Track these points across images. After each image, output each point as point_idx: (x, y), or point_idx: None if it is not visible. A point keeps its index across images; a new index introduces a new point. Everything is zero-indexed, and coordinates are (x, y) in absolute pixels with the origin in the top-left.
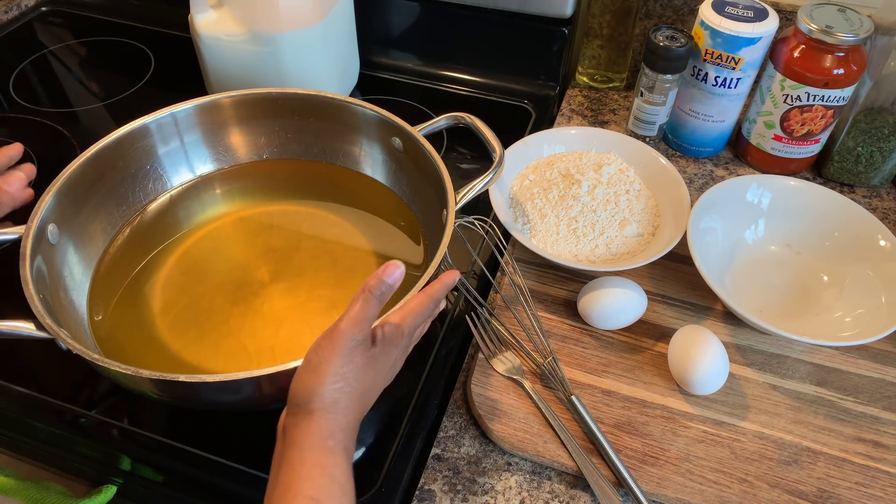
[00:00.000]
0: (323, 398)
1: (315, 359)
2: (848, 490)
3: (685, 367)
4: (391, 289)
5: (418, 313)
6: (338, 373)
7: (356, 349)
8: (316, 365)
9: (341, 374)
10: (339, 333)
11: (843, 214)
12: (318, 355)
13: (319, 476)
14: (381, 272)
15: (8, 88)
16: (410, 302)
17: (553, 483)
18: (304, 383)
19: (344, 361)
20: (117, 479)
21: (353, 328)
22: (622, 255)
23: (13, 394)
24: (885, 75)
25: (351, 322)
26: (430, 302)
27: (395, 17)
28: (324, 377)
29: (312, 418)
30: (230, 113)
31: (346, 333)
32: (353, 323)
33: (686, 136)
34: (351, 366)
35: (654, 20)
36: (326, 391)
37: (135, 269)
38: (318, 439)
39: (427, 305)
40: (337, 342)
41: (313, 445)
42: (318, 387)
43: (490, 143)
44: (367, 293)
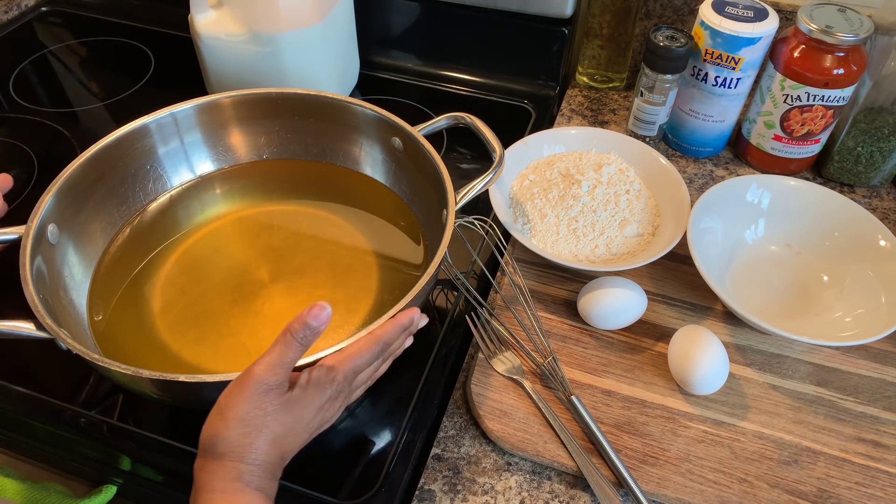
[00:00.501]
0: (229, 442)
1: (223, 402)
2: (848, 490)
3: (685, 367)
4: (316, 332)
5: (358, 357)
6: (244, 419)
7: (267, 394)
8: (224, 409)
9: (248, 420)
10: (250, 379)
11: (843, 214)
12: (226, 399)
13: None
14: (306, 314)
15: (8, 88)
16: (352, 344)
17: (553, 483)
18: (211, 427)
19: (252, 407)
20: (117, 479)
21: (265, 373)
22: (622, 255)
23: (13, 394)
24: (885, 75)
25: (264, 367)
26: (374, 345)
27: (395, 17)
28: (229, 422)
29: (219, 462)
30: (230, 113)
31: (257, 378)
32: (267, 368)
33: (686, 136)
34: (260, 412)
35: (654, 20)
36: (231, 436)
37: (135, 269)
38: (225, 481)
39: (371, 348)
40: (246, 388)
41: (222, 488)
42: (224, 431)
43: (490, 143)
44: (287, 336)
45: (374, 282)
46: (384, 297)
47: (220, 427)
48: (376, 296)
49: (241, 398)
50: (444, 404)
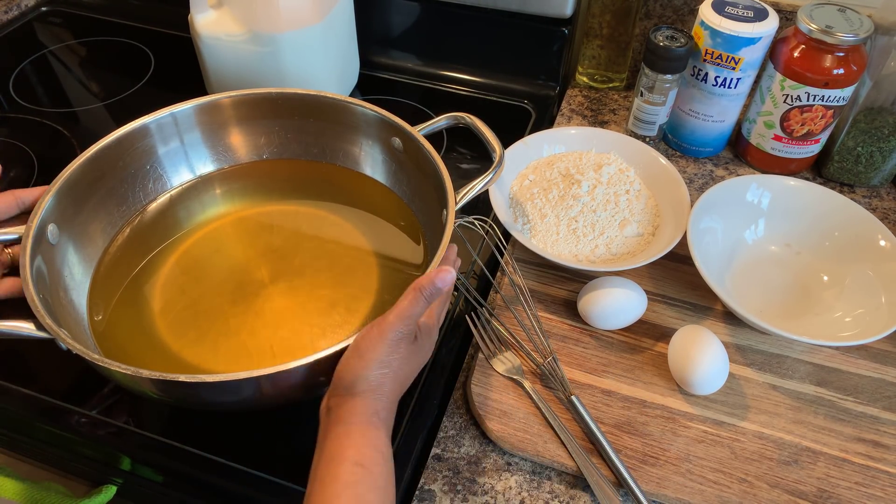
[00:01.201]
0: (368, 381)
1: (363, 345)
2: (848, 490)
3: (685, 367)
4: (439, 292)
5: (442, 305)
6: (383, 360)
7: (401, 341)
8: (364, 351)
9: (387, 362)
10: (388, 325)
11: (843, 214)
12: (365, 342)
13: (364, 445)
14: (434, 275)
15: (8, 88)
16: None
17: (553, 483)
18: (352, 367)
19: (390, 351)
20: (117, 479)
21: (400, 322)
22: (622, 255)
23: (13, 394)
24: (885, 75)
25: (399, 316)
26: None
27: (395, 17)
28: (370, 363)
29: (357, 399)
30: (230, 113)
31: (394, 325)
32: (401, 317)
33: (686, 136)
34: (396, 355)
35: (654, 20)
36: (371, 375)
37: (135, 269)
38: (364, 415)
39: (446, 299)
40: (385, 332)
41: (359, 420)
42: (364, 370)
43: (490, 143)
44: (416, 292)
45: (374, 282)
46: (384, 297)
47: (360, 367)
48: (376, 296)
49: (381, 342)
50: (444, 404)
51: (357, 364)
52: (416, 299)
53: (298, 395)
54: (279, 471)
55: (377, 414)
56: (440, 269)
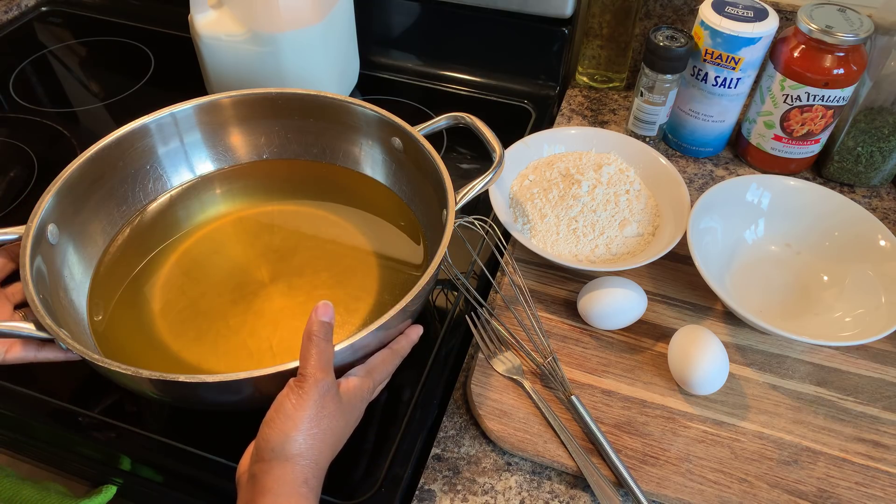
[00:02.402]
0: (298, 444)
1: (288, 404)
2: (848, 490)
3: (685, 367)
4: (331, 327)
5: (383, 370)
6: (312, 419)
7: (326, 396)
8: (291, 411)
9: (316, 421)
10: (309, 381)
11: (843, 214)
12: (290, 401)
13: None
14: (316, 315)
15: (8, 88)
16: (376, 358)
17: (553, 483)
18: (279, 428)
19: (318, 408)
20: (117, 479)
21: (319, 374)
22: (622, 255)
23: (13, 394)
24: (885, 75)
25: (316, 369)
26: (395, 358)
27: (395, 17)
28: (299, 422)
29: (287, 464)
30: (230, 113)
31: (315, 380)
32: (319, 368)
33: (686, 136)
34: (324, 412)
35: (654, 20)
36: (301, 437)
37: (135, 269)
38: (293, 485)
39: (392, 362)
40: (309, 389)
41: (288, 491)
42: (293, 431)
43: (490, 143)
44: (313, 338)
45: (374, 282)
46: (384, 297)
47: (289, 427)
48: (376, 296)
49: (308, 399)
50: (444, 404)
51: (285, 425)
52: (318, 344)
53: None
54: None
55: (306, 483)
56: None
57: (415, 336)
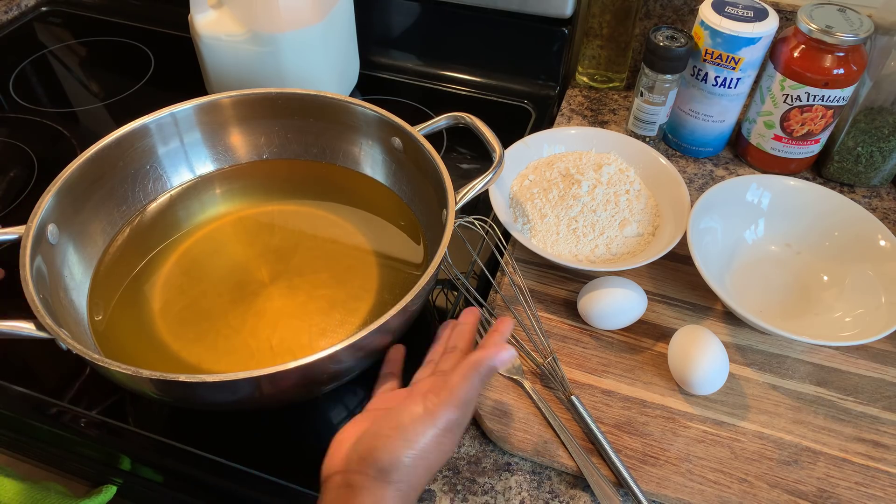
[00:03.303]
0: (405, 470)
1: (412, 429)
2: (848, 490)
3: (685, 367)
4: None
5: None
6: (428, 450)
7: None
8: (412, 436)
9: (428, 452)
10: (441, 408)
11: (843, 214)
12: (416, 427)
13: None
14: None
15: (8, 88)
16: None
17: (553, 483)
18: (392, 449)
19: (437, 442)
20: (117, 479)
21: (456, 410)
22: (622, 255)
23: (13, 394)
24: (885, 75)
25: (454, 398)
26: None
27: (395, 17)
28: (417, 450)
29: (388, 487)
30: (230, 113)
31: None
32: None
33: (686, 136)
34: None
35: (654, 20)
36: (410, 464)
37: (135, 269)
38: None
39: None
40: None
41: None
42: (406, 459)
43: (490, 143)
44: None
45: (374, 282)
46: (384, 297)
47: (404, 452)
48: (376, 296)
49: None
50: None
51: (401, 446)
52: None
53: (298, 395)
54: (279, 471)
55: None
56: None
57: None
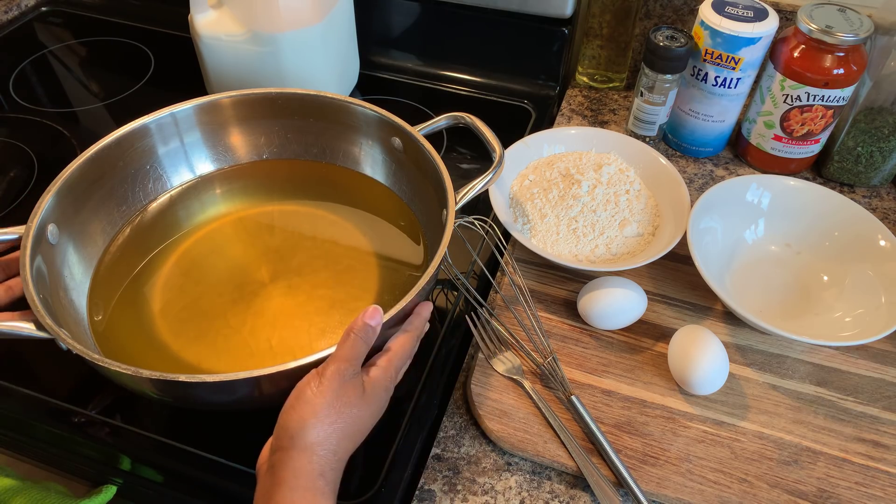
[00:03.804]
0: (317, 431)
1: (309, 392)
2: (848, 490)
3: (685, 367)
4: (374, 331)
5: (402, 354)
6: (332, 406)
7: (347, 385)
8: (310, 397)
9: (335, 409)
10: (331, 369)
11: (843, 214)
12: (310, 388)
13: None
14: (363, 316)
15: (8, 88)
16: (393, 343)
17: (553, 483)
18: (298, 414)
19: (337, 396)
20: (117, 479)
21: (343, 364)
22: (622, 255)
23: (13, 394)
24: (885, 75)
25: (341, 360)
26: (412, 340)
27: (395, 17)
28: (318, 409)
29: (304, 454)
30: (230, 113)
31: (337, 369)
32: (343, 359)
33: (686, 136)
34: (344, 400)
35: (654, 20)
36: (320, 424)
37: (135, 269)
38: (309, 478)
39: (410, 344)
40: (330, 377)
41: (305, 486)
42: (311, 418)
43: (490, 143)
44: (351, 334)
45: (374, 282)
46: (384, 297)
47: (307, 414)
48: (376, 296)
49: (328, 387)
50: (444, 404)
51: (304, 410)
52: (354, 341)
53: None
54: None
55: (323, 475)
56: (367, 309)
57: (426, 313)
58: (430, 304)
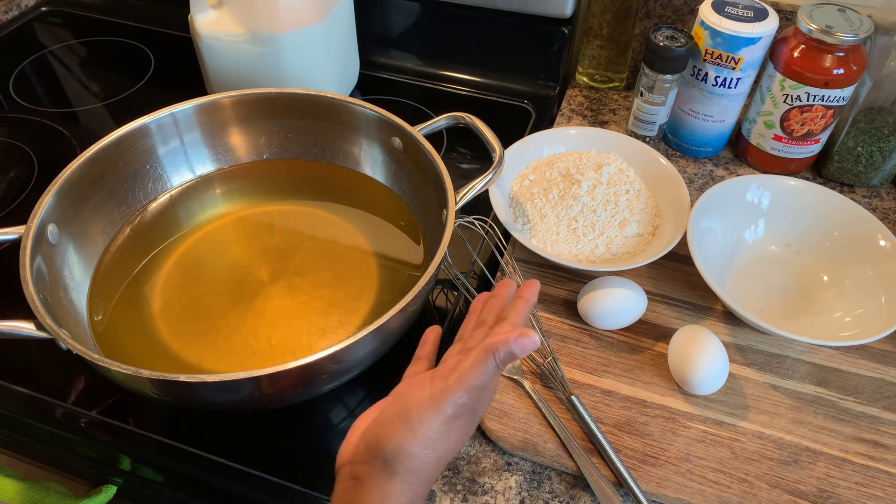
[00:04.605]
0: (414, 462)
1: (416, 415)
2: (848, 490)
3: (685, 367)
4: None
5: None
6: (433, 438)
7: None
8: (415, 422)
9: (436, 440)
10: (447, 394)
11: (843, 214)
12: (418, 411)
13: None
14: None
15: (8, 88)
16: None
17: (553, 483)
18: (397, 437)
19: (444, 428)
20: (117, 479)
21: (462, 391)
22: (622, 255)
23: (13, 394)
24: (885, 75)
25: (462, 384)
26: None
27: (395, 17)
28: (421, 438)
29: (394, 480)
30: (230, 113)
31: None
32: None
33: (686, 136)
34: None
35: (654, 20)
36: (417, 453)
37: (135, 269)
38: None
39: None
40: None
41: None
42: (411, 446)
43: (490, 143)
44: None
45: (374, 282)
46: (384, 297)
47: (408, 439)
48: (376, 296)
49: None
50: None
51: (405, 435)
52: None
53: (298, 395)
54: (279, 471)
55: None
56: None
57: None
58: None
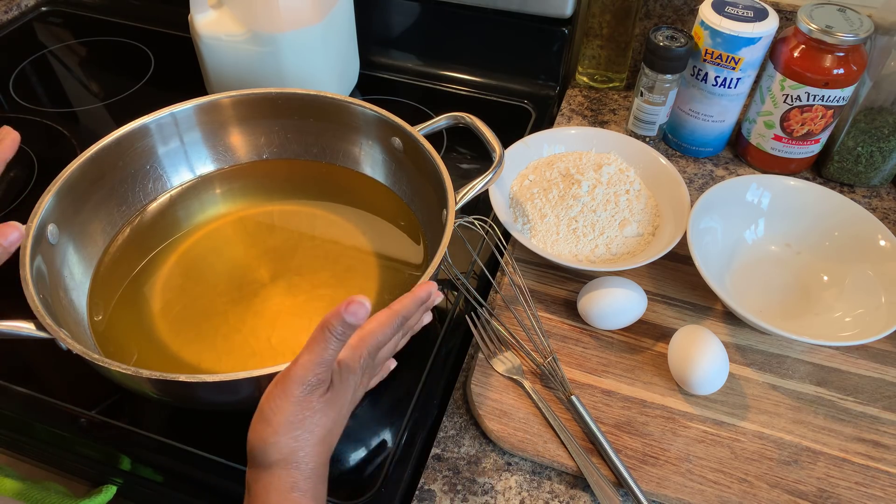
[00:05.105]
0: (279, 449)
1: (267, 407)
2: (848, 490)
3: (685, 367)
4: (353, 328)
5: (380, 333)
6: (292, 422)
7: (312, 393)
8: (269, 415)
9: (296, 423)
10: (292, 380)
11: (843, 214)
12: (269, 404)
13: None
14: (343, 309)
15: (8, 88)
16: (372, 321)
17: (553, 483)
18: (258, 435)
19: (298, 409)
20: (117, 479)
21: (307, 373)
22: (622, 255)
23: (13, 394)
24: (885, 75)
25: (305, 366)
26: (394, 319)
27: (395, 17)
28: (278, 428)
29: (272, 471)
30: (230, 113)
31: (299, 379)
32: (308, 367)
33: (686, 136)
34: (307, 412)
35: (654, 20)
36: (282, 441)
37: (135, 269)
38: (281, 492)
39: (390, 323)
40: (289, 389)
41: (278, 501)
42: (272, 437)
43: (490, 143)
44: (325, 332)
45: (374, 282)
46: (384, 297)
47: (267, 434)
48: (376, 296)
49: (286, 401)
50: (444, 404)
51: (264, 431)
52: (326, 341)
53: None
54: None
55: (296, 487)
56: (352, 300)
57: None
58: (432, 284)
